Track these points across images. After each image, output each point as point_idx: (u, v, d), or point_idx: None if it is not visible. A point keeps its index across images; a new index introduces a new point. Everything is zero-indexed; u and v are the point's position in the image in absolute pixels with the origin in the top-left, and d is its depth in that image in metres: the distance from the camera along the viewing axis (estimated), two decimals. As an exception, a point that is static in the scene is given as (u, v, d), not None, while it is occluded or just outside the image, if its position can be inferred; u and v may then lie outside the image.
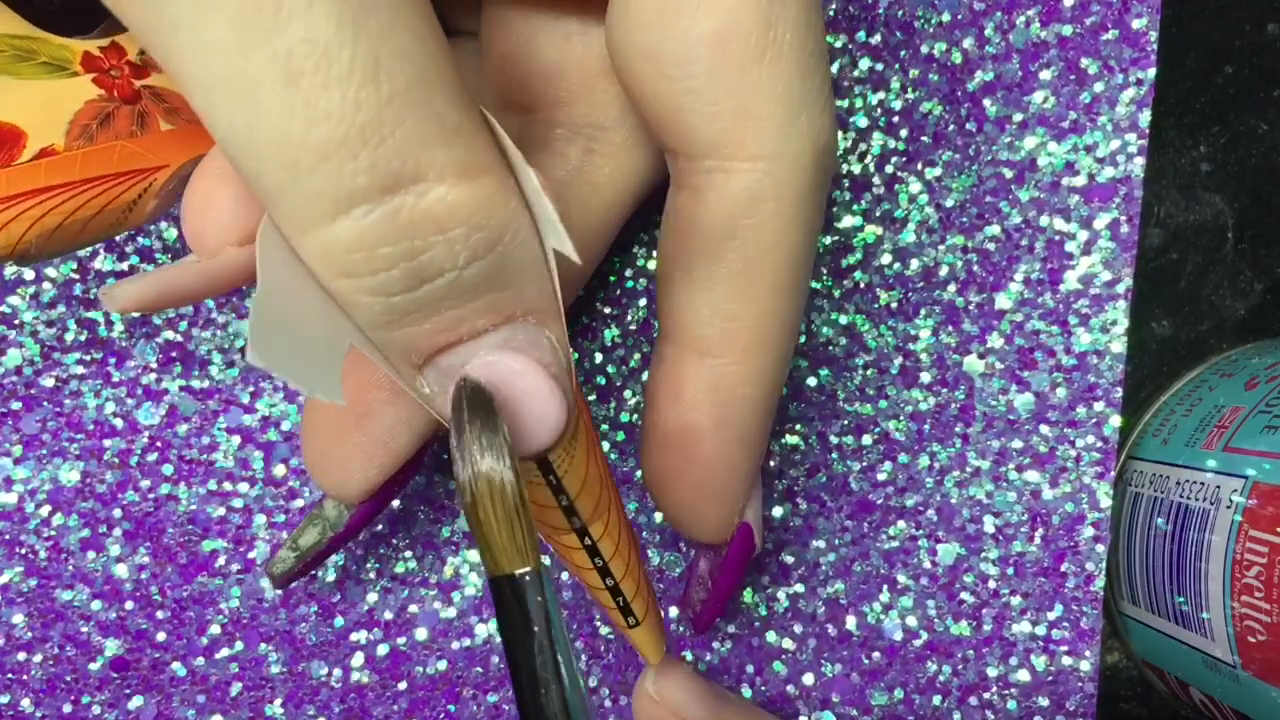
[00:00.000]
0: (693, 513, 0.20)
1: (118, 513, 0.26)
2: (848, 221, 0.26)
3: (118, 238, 0.25)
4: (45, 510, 0.26)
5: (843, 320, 0.26)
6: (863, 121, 0.26)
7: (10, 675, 0.26)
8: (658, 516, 0.27)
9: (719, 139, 0.16)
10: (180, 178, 0.18)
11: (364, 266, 0.13)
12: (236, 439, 0.26)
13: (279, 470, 0.26)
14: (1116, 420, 0.26)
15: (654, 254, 0.26)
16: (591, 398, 0.27)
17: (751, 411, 0.19)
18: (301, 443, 0.20)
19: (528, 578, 0.15)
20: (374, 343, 0.15)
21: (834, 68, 0.26)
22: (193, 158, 0.18)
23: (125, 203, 0.18)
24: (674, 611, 0.27)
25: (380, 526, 0.26)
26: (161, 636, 0.26)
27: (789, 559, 0.27)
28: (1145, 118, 0.26)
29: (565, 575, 0.27)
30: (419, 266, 0.13)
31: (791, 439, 0.27)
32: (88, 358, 0.26)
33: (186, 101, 0.19)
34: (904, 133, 0.26)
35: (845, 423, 0.27)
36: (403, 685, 0.26)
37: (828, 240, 0.26)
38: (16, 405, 0.26)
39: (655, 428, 0.20)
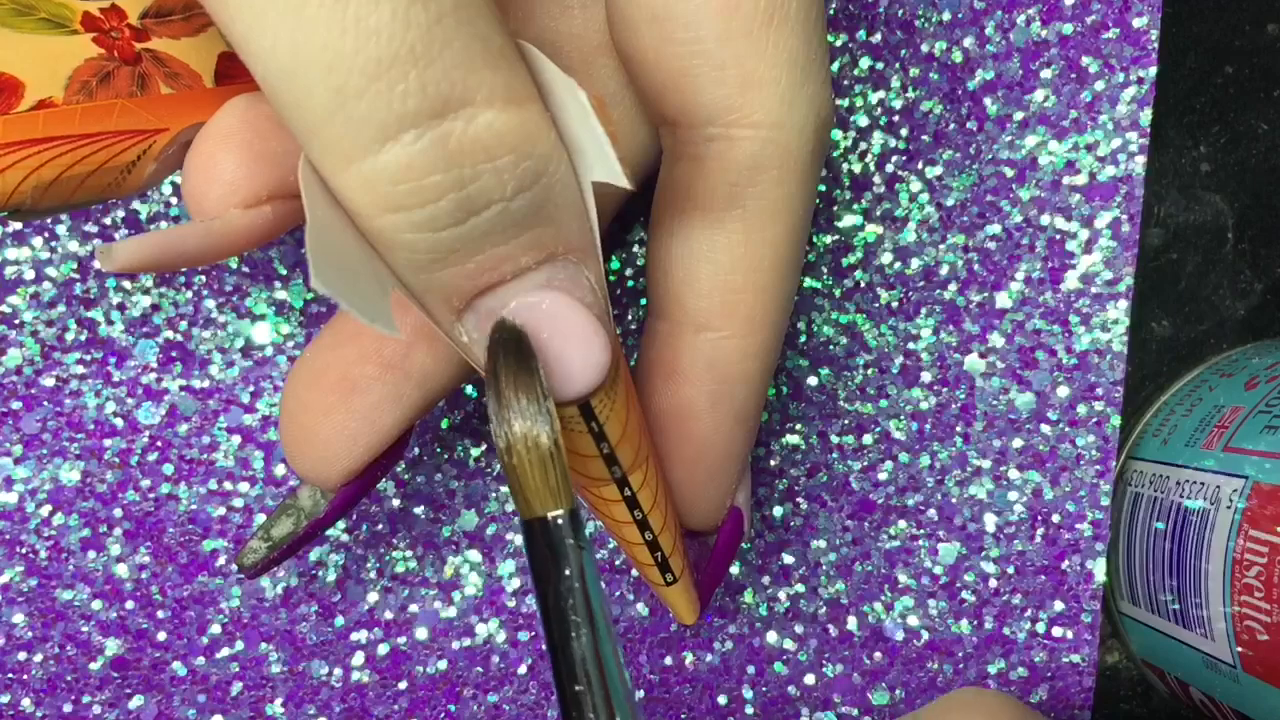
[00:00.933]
0: (686, 494, 0.20)
1: (118, 512, 0.26)
2: (848, 221, 0.26)
3: (117, 237, 0.25)
4: (45, 510, 0.26)
5: (843, 319, 0.26)
6: (863, 120, 0.26)
7: (10, 675, 0.26)
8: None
9: (724, 105, 0.16)
10: (180, 143, 0.18)
11: (413, 198, 0.13)
12: (237, 439, 0.26)
13: (279, 470, 0.26)
14: (1117, 419, 0.26)
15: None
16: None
17: (748, 386, 0.19)
18: (280, 422, 0.20)
19: (560, 519, 0.15)
20: (412, 289, 0.14)
21: (834, 67, 0.26)
22: (193, 123, 0.18)
23: (124, 163, 0.18)
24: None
25: (380, 526, 0.26)
26: (162, 636, 0.26)
27: (790, 559, 0.27)
28: (1146, 116, 0.26)
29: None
30: (468, 197, 0.13)
31: (791, 439, 0.27)
32: (88, 357, 0.26)
33: (187, 66, 0.19)
34: (904, 131, 0.26)
35: (846, 422, 0.27)
36: (403, 685, 0.26)
37: (828, 240, 0.26)
38: (17, 405, 0.26)
39: (648, 407, 0.19)
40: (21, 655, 0.26)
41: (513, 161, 0.13)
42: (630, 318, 0.26)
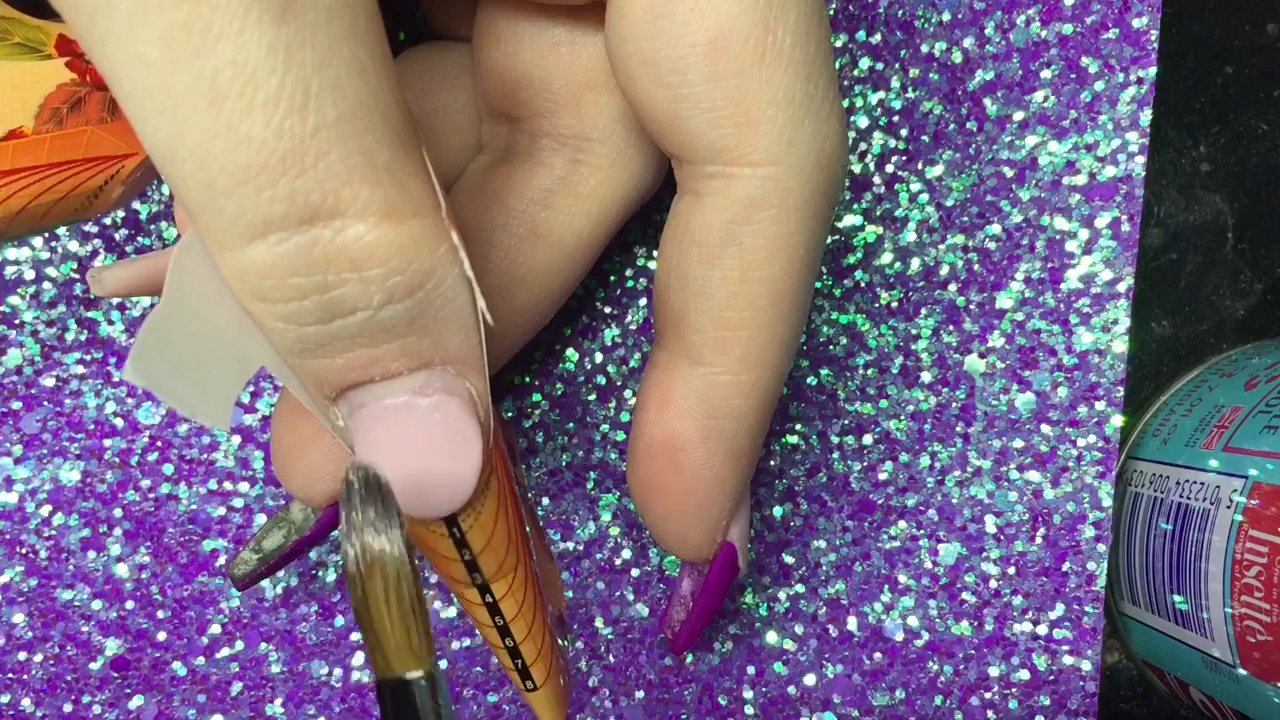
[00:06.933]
0: (675, 526, 0.20)
1: (118, 512, 0.26)
2: (848, 221, 0.26)
3: (116, 237, 0.25)
4: (46, 510, 0.26)
5: (843, 319, 0.26)
6: (863, 121, 0.26)
7: (11, 675, 0.26)
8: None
9: (719, 145, 0.16)
10: (148, 166, 0.18)
11: (276, 294, 0.13)
12: (237, 438, 0.26)
13: (279, 470, 0.26)
14: (1118, 420, 0.26)
15: (655, 254, 0.26)
16: (591, 397, 0.27)
17: (741, 425, 0.19)
18: (270, 442, 0.20)
19: (421, 681, 0.14)
20: (290, 367, 0.15)
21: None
22: None
23: (91, 189, 0.18)
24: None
25: (381, 526, 0.26)
26: (162, 636, 0.26)
27: (790, 559, 0.27)
28: (1146, 116, 0.26)
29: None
30: (330, 301, 0.13)
31: (791, 439, 0.27)
32: (88, 357, 0.26)
33: None
34: (904, 132, 0.26)
35: (846, 422, 0.27)
36: (403, 685, 0.26)
37: (828, 240, 0.26)
38: (17, 405, 0.26)
39: (642, 435, 0.19)
40: (21, 655, 0.26)
41: (381, 274, 0.13)
42: (630, 318, 0.26)
